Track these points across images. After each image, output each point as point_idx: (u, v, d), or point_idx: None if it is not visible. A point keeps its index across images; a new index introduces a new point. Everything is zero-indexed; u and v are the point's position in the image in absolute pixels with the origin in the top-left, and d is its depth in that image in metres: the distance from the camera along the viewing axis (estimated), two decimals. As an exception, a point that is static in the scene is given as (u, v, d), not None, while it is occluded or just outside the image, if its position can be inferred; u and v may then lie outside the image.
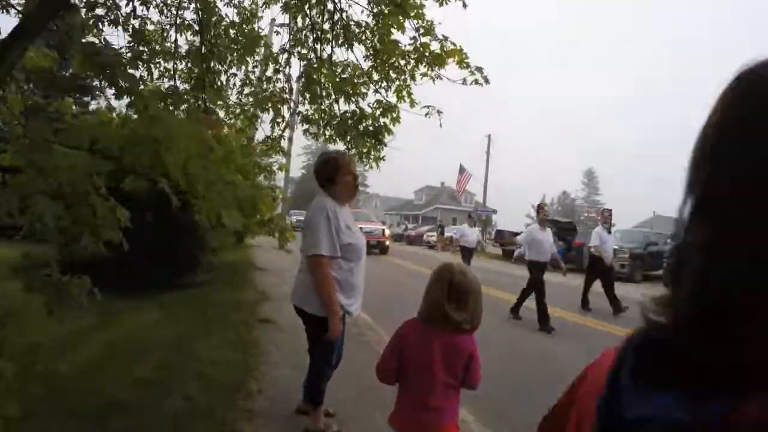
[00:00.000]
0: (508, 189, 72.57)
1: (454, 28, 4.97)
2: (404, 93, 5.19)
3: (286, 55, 5.89)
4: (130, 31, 4.82)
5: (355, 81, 5.48)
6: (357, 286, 3.20)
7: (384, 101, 5.30)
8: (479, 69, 4.71)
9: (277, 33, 6.05)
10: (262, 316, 6.62)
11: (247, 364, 4.72)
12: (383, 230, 23.05)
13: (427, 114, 5.06)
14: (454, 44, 4.81)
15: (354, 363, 4.42)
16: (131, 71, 4.60)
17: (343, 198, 3.26)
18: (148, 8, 5.13)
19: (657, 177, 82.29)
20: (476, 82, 4.74)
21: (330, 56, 5.61)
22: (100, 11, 4.57)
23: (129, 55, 4.71)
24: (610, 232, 9.98)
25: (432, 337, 2.14)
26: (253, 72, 6.49)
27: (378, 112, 5.31)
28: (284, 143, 6.75)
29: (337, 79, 5.42)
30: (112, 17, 4.66)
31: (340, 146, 5.58)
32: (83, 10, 4.43)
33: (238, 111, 6.75)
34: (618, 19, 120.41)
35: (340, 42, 5.51)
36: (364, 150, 5.68)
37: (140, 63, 4.76)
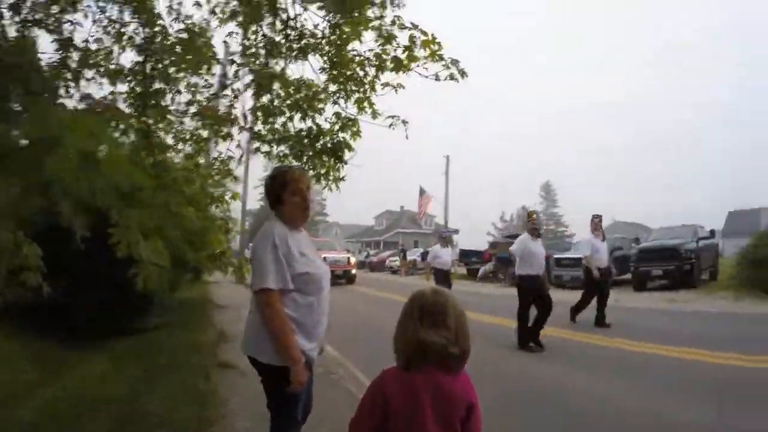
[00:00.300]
0: (468, 208, 73.49)
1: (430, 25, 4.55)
2: (365, 104, 4.80)
3: (235, 68, 5.41)
4: (57, 36, 4.25)
5: (310, 96, 5.07)
6: (320, 326, 2.64)
7: (343, 114, 4.91)
8: (455, 62, 4.24)
9: (225, 43, 5.55)
10: (221, 360, 6.04)
11: (206, 418, 4.15)
12: (348, 259, 22.51)
13: (391, 125, 4.66)
14: (425, 33, 4.32)
15: (324, 405, 3.94)
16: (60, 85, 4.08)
17: (295, 221, 2.69)
18: (75, 9, 4.58)
19: (614, 186, 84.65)
20: (451, 77, 4.27)
21: (283, 70, 5.18)
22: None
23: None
24: (604, 240, 9.56)
25: (418, 386, 1.66)
26: (201, 92, 5.98)
27: (337, 127, 4.91)
28: (234, 165, 6.22)
29: (291, 90, 4.99)
30: (37, 17, 4.07)
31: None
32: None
33: (187, 136, 6.24)
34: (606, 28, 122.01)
35: (294, 54, 5.09)
36: (323, 171, 5.27)
37: (67, 72, 4.17)
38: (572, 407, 4.73)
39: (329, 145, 4.96)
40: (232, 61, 5.44)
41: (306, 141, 5.00)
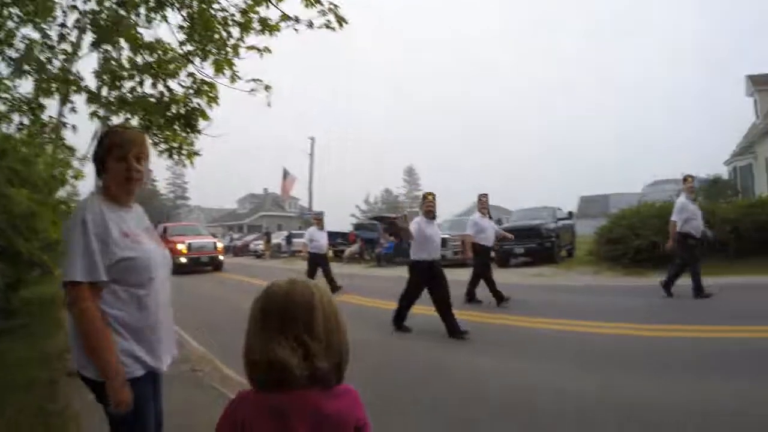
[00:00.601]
0: (332, 190, 73.67)
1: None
2: (224, 65, 4.20)
3: (76, 16, 4.42)
4: None
5: (165, 58, 4.34)
6: (157, 326, 2.05)
7: (198, 77, 4.27)
8: (334, 6, 3.85)
9: None
10: (71, 369, 5.05)
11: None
12: (215, 244, 21.09)
13: (252, 90, 4.14)
14: None
15: (189, 409, 3.45)
16: None
17: (118, 194, 2.07)
18: None
19: (473, 171, 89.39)
20: (327, 25, 3.90)
21: (133, 23, 4.34)
22: None
23: None
24: (491, 218, 9.61)
25: (286, 409, 1.20)
26: (42, 49, 4.85)
27: (191, 92, 4.27)
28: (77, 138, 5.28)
29: (141, 51, 4.20)
30: None
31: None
32: None
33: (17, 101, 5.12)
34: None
35: (150, 8, 4.27)
36: (175, 145, 4.61)
37: None
38: (459, 384, 4.69)
39: (182, 112, 4.31)
40: (75, 8, 4.45)
41: (156, 106, 4.29)
